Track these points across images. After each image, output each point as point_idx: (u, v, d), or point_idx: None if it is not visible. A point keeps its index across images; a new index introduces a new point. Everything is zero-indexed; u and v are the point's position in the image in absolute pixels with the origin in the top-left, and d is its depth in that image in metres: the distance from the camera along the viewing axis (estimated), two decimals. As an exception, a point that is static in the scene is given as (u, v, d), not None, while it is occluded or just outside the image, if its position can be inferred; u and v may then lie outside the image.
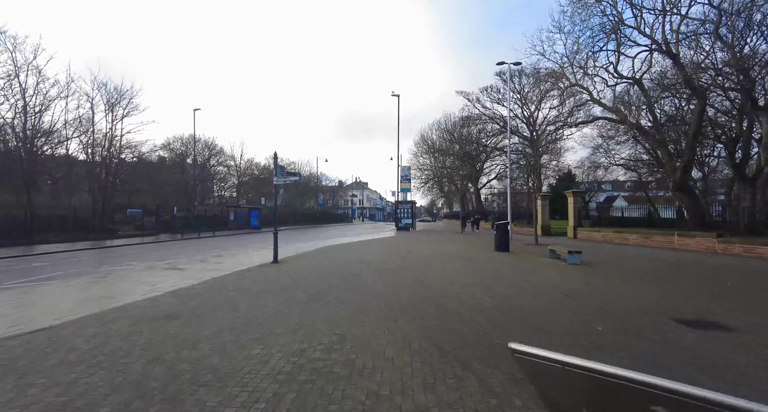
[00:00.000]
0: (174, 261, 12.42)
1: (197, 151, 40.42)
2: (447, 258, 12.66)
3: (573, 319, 5.32)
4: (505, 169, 39.32)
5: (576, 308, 5.93)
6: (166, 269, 10.32)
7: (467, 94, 33.19)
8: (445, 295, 6.90)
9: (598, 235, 19.87)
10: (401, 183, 33.44)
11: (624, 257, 13.17)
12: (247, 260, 12.23)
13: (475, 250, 15.67)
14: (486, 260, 12.08)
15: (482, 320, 5.23)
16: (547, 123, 28.45)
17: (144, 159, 33.95)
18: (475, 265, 11.03)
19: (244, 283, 8.10)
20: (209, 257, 13.26)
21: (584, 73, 17.72)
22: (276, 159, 11.12)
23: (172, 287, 7.76)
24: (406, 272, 9.61)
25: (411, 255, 13.51)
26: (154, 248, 18.86)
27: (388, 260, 12.13)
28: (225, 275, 9.13)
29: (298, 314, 5.55)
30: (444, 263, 11.48)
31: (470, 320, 5.28)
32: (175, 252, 16.27)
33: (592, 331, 4.78)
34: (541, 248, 16.17)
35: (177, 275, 9.26)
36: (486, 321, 5.20)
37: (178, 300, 6.51)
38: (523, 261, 11.98)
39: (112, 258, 14.26)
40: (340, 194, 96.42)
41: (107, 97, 22.97)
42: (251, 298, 6.64)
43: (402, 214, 30.25)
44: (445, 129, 41.20)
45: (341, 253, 14.18)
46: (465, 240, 22.09)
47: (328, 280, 8.39)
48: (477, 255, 13.64)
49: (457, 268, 10.38)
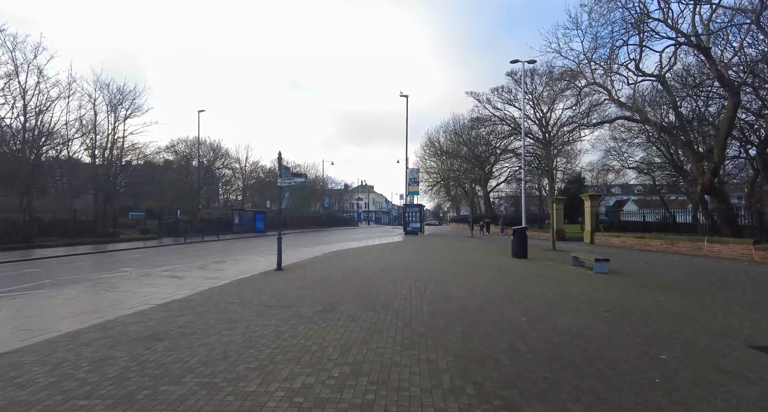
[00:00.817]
0: (173, 268, 11.72)
1: (202, 153, 39.92)
2: (464, 266, 11.84)
3: (629, 344, 4.49)
4: (515, 172, 38.49)
5: (626, 330, 5.09)
6: (163, 277, 9.60)
7: (477, 94, 32.43)
8: (471, 311, 6.09)
9: (617, 240, 18.92)
10: (409, 186, 32.61)
11: (653, 264, 12.26)
12: (250, 267, 11.50)
13: (492, 256, 14.82)
14: (506, 268, 11.24)
15: (521, 346, 4.42)
16: (560, 124, 27.57)
17: (148, 161, 33.49)
18: (496, 274, 10.20)
19: (244, 294, 7.34)
20: (210, 263, 12.54)
21: (604, 71, 16.88)
22: (280, 160, 10.40)
23: (164, 298, 7.03)
24: (422, 282, 8.81)
25: (424, 262, 12.71)
26: (155, 252, 18.22)
27: (401, 267, 11.33)
28: (224, 285, 8.38)
29: (303, 335, 4.77)
30: (462, 271, 10.66)
31: (507, 345, 4.46)
32: (175, 257, 15.59)
33: (657, 361, 3.95)
34: (559, 254, 15.30)
35: (173, 284, 8.53)
36: (526, 347, 4.38)
37: (168, 315, 5.77)
38: (546, 269, 11.13)
39: (109, 264, 13.59)
40: (346, 198, 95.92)
41: (109, 98, 22.48)
42: (251, 313, 5.87)
43: (410, 218, 29.45)
44: (454, 131, 40.43)
45: (350, 259, 13.40)
46: (478, 245, 21.24)
47: (338, 292, 7.61)
48: (495, 262, 12.80)
49: (477, 277, 9.56)
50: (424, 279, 9.16)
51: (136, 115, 23.92)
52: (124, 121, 23.63)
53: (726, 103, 14.98)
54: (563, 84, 19.70)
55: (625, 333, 4.94)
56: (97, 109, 22.92)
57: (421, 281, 8.82)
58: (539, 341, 4.59)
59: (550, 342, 4.55)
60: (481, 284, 8.60)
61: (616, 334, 4.90)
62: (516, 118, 31.04)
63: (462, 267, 11.48)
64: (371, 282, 8.69)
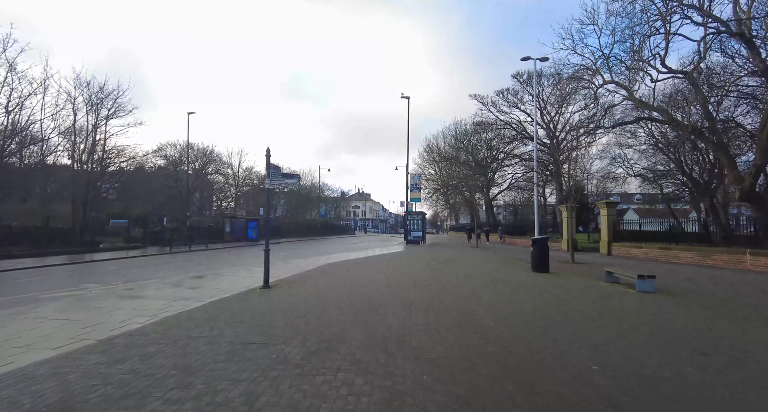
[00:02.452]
0: (143, 283, 10.06)
1: (193, 157, 38.24)
2: (482, 282, 10.26)
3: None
4: (519, 179, 37.12)
5: (760, 383, 3.53)
6: (124, 298, 7.95)
7: (481, 97, 31.09)
8: (517, 353, 4.51)
9: (638, 251, 17.42)
10: (411, 192, 31.07)
11: (699, 281, 10.73)
12: (232, 284, 9.86)
13: (507, 269, 13.25)
14: (531, 286, 9.67)
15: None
16: (570, 128, 26.28)
17: (136, 166, 31.80)
18: (523, 292, 8.63)
19: (216, 324, 5.73)
20: (187, 279, 10.88)
21: (626, 67, 15.57)
22: (269, 157, 8.84)
23: (112, 330, 5.41)
24: (439, 305, 7.23)
25: (435, 278, 11.13)
26: (132, 264, 16.51)
27: (410, 284, 9.74)
28: (195, 309, 6.76)
29: (287, 400, 3.18)
30: (481, 289, 9.09)
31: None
32: (153, 270, 13.93)
33: None
34: (581, 268, 13.77)
35: (131, 307, 6.90)
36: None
37: (101, 361, 4.15)
38: (578, 287, 9.57)
39: (74, 278, 11.90)
40: (343, 205, 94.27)
41: (89, 95, 20.86)
42: (218, 357, 4.27)
43: (411, 226, 27.88)
44: (454, 136, 39.04)
45: (349, 273, 11.78)
46: (486, 255, 19.68)
47: (336, 319, 6.01)
48: (514, 277, 11.23)
49: (504, 299, 7.98)
50: (440, 301, 7.58)
51: (119, 115, 22.32)
52: (106, 122, 22.02)
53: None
54: (578, 83, 18.36)
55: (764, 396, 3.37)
56: (77, 110, 21.29)
57: (437, 304, 7.24)
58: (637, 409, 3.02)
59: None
60: (514, 307, 7.03)
61: (751, 397, 3.34)
62: (522, 122, 29.78)
63: (479, 284, 9.91)
64: (377, 305, 7.10)
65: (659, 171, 33.68)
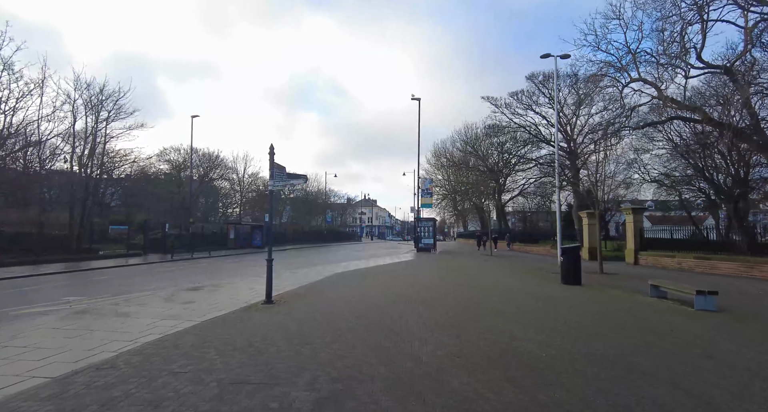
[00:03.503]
0: (133, 297, 9.06)
1: (196, 162, 37.45)
2: (512, 297, 9.14)
3: None
4: (533, 183, 35.91)
5: None
6: (104, 315, 6.94)
7: (494, 99, 30.02)
8: (594, 402, 3.41)
9: (670, 261, 16.16)
10: (422, 198, 29.98)
11: (754, 296, 9.53)
12: (230, 298, 8.81)
13: (536, 282, 12.09)
14: (572, 302, 8.54)
15: None
16: (588, 130, 25.14)
17: (136, 170, 31.04)
18: (566, 311, 7.50)
19: (205, 353, 4.68)
20: (182, 291, 9.86)
21: (656, 61, 14.51)
22: (272, 155, 7.85)
23: (75, 361, 4.40)
24: (473, 326, 6.13)
25: (457, 292, 10.04)
26: (128, 273, 15.56)
27: (430, 299, 8.65)
28: (183, 332, 5.72)
29: None
30: (515, 306, 7.98)
31: None
32: (147, 280, 12.96)
33: None
34: (614, 279, 12.60)
35: (110, 328, 5.89)
36: None
37: (51, 409, 3.12)
38: (623, 304, 8.42)
39: (58, 289, 10.92)
40: (349, 212, 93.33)
41: (88, 97, 20.08)
42: (202, 404, 3.22)
43: (422, 232, 26.75)
44: (465, 141, 37.93)
45: (360, 286, 10.70)
46: (507, 266, 18.47)
47: (350, 346, 4.94)
48: (548, 291, 10.09)
49: (544, 320, 6.86)
50: (471, 320, 6.48)
51: (119, 117, 21.52)
52: (107, 124, 21.22)
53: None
54: (600, 82, 17.31)
55: None
56: (76, 111, 20.53)
57: (469, 325, 6.15)
58: None
59: None
60: (557, 332, 5.91)
61: None
62: (537, 125, 28.69)
63: (510, 299, 8.80)
64: (397, 326, 6.02)
65: (677, 177, 32.51)
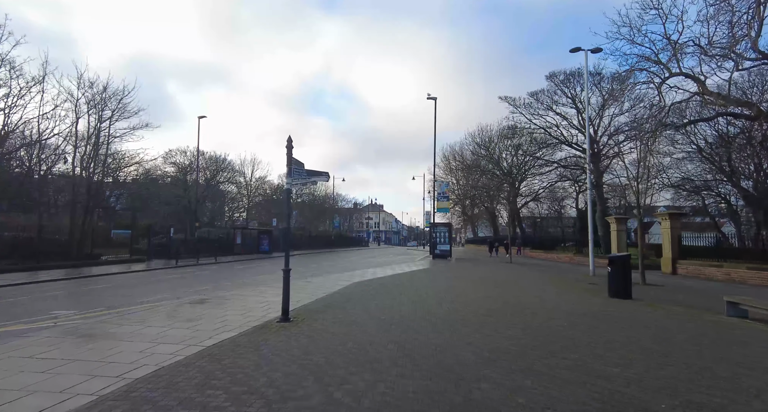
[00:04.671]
0: (128, 311, 7.94)
1: (202, 165, 36.51)
2: (564, 316, 7.92)
3: None
4: (552, 186, 34.58)
5: None
6: (90, 337, 5.81)
7: (513, 100, 28.81)
8: None
9: (716, 271, 14.77)
10: (438, 202, 28.67)
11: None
12: (240, 314, 7.65)
13: (577, 295, 10.80)
14: (638, 323, 7.30)
15: None
16: (613, 131, 23.87)
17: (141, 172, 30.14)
18: (637, 336, 6.27)
19: (211, 400, 3.50)
20: (185, 305, 8.69)
21: (704, 53, 13.25)
22: (290, 149, 6.72)
23: (41, 406, 3.25)
24: (546, 359, 4.92)
25: (498, 308, 8.83)
26: (130, 280, 14.51)
27: (474, 319, 7.45)
28: (185, 362, 4.56)
29: None
30: (580, 331, 6.76)
31: None
32: (149, 289, 11.90)
33: None
34: (663, 292, 11.33)
35: (97, 356, 4.75)
36: None
37: None
38: (701, 326, 7.16)
39: (49, 300, 9.84)
40: (356, 216, 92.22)
41: (92, 95, 19.18)
42: None
43: (438, 238, 25.50)
44: (479, 143, 36.70)
45: (386, 300, 9.47)
46: (534, 276, 17.17)
47: (402, 392, 3.74)
48: (599, 306, 8.84)
49: (619, 347, 5.65)
50: (538, 351, 5.27)
51: (124, 117, 20.61)
52: (110, 124, 20.28)
53: None
54: (635, 77, 16.10)
55: None
56: (79, 110, 19.65)
57: (540, 359, 4.94)
58: None
59: None
60: (642, 364, 4.68)
61: None
62: (558, 126, 27.43)
63: (563, 320, 7.58)
64: (449, 361, 4.82)
65: (698, 182, 31.18)
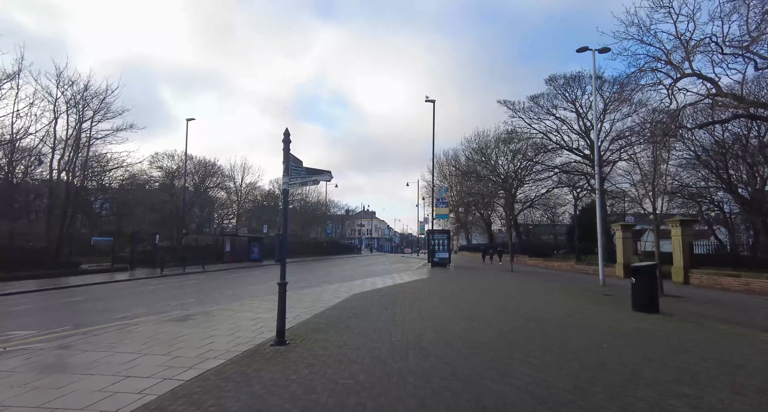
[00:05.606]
0: (96, 332, 6.89)
1: (191, 170, 35.28)
2: (600, 335, 7.06)
3: None
4: (548, 193, 34.02)
5: None
6: (45, 369, 4.78)
7: (512, 103, 28.24)
8: None
9: (733, 281, 14.06)
10: (437, 208, 27.86)
11: None
12: (228, 334, 6.62)
13: (597, 308, 9.96)
14: (699, 347, 6.47)
15: None
16: (615, 135, 23.38)
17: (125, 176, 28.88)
18: (705, 371, 5.43)
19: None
20: (166, 322, 7.65)
21: (720, 52, 12.71)
22: (287, 143, 5.81)
23: None
24: (609, 399, 4.03)
25: (520, 325, 7.95)
26: (109, 292, 13.36)
27: (496, 338, 6.55)
28: (154, 406, 3.57)
29: None
30: (635, 358, 5.90)
31: None
32: (127, 302, 10.81)
33: None
34: (690, 305, 10.57)
35: (41, 399, 3.74)
36: None
37: None
38: (760, 350, 6.36)
39: (9, 317, 8.72)
40: (348, 223, 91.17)
41: (72, 94, 18.08)
42: None
43: (436, 246, 24.63)
44: (476, 149, 36.07)
45: (393, 315, 8.49)
46: (541, 285, 16.32)
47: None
48: (629, 324, 8.00)
49: (659, 381, 4.79)
50: (595, 386, 4.38)
51: (107, 117, 19.52)
52: (91, 125, 19.15)
53: None
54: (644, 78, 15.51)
55: None
56: (58, 113, 18.51)
57: (601, 398, 4.05)
58: None
59: None
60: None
61: None
62: (558, 131, 26.92)
63: (595, 338, 6.73)
64: (489, 402, 3.91)
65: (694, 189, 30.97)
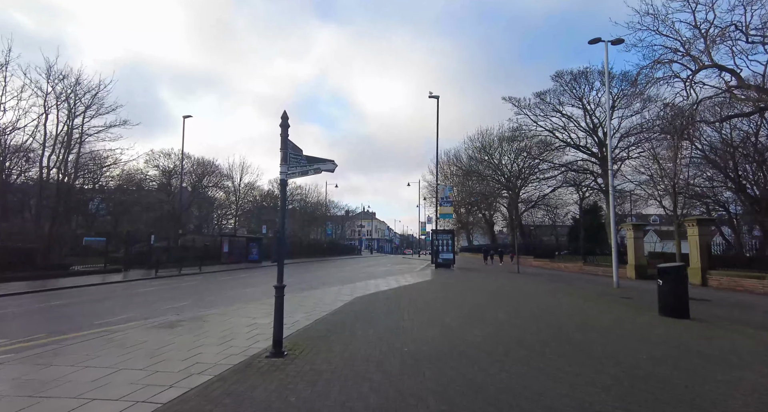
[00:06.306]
0: (74, 339, 6.20)
1: (188, 169, 34.57)
2: (635, 344, 6.39)
3: None
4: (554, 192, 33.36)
5: None
6: (9, 381, 4.08)
7: (517, 100, 27.56)
8: None
9: (757, 283, 13.39)
10: (441, 207, 27.13)
11: None
12: (220, 342, 5.93)
13: (620, 313, 9.30)
14: (758, 360, 5.79)
15: None
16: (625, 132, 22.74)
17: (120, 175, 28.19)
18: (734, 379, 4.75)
19: None
20: (152, 329, 6.95)
21: (744, 40, 12.10)
22: (285, 128, 5.13)
23: None
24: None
25: (542, 334, 7.28)
26: (98, 294, 12.67)
27: (516, 347, 5.88)
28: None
29: None
30: (683, 374, 5.23)
31: None
32: (117, 305, 10.13)
33: None
34: (717, 309, 9.90)
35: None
36: None
37: None
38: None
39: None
40: (348, 224, 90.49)
41: (62, 89, 17.41)
42: None
43: (441, 246, 23.93)
44: (479, 148, 35.37)
45: (401, 321, 7.81)
46: (552, 288, 15.65)
47: None
48: (659, 331, 7.33)
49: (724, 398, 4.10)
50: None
51: (99, 114, 18.85)
52: (83, 121, 18.47)
53: None
54: (660, 70, 14.89)
55: None
56: (49, 109, 17.82)
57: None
58: None
59: None
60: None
61: None
62: (564, 128, 26.24)
63: (628, 348, 6.06)
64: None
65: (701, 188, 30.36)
